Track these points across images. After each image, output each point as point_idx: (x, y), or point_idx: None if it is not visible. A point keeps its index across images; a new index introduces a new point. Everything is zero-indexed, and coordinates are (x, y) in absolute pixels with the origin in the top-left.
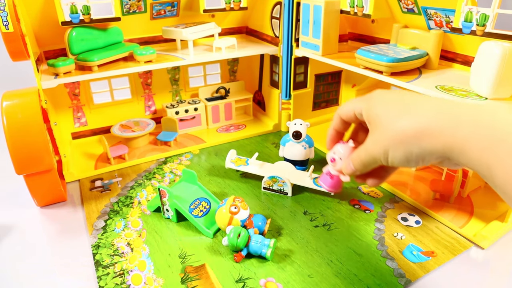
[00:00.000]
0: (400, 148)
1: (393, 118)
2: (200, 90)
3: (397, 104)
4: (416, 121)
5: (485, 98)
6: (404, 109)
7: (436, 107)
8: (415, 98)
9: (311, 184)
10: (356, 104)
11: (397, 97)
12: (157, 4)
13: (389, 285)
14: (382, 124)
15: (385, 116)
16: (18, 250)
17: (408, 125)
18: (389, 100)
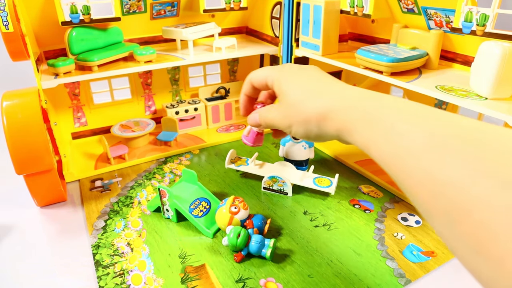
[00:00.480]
0: (303, 126)
1: (300, 98)
2: (200, 90)
3: (304, 84)
4: (318, 105)
5: (485, 98)
6: (310, 90)
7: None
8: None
9: (311, 184)
10: (269, 73)
11: (306, 76)
12: (157, 4)
13: (389, 285)
14: (289, 101)
15: (293, 94)
16: (18, 250)
17: (311, 108)
18: (298, 78)
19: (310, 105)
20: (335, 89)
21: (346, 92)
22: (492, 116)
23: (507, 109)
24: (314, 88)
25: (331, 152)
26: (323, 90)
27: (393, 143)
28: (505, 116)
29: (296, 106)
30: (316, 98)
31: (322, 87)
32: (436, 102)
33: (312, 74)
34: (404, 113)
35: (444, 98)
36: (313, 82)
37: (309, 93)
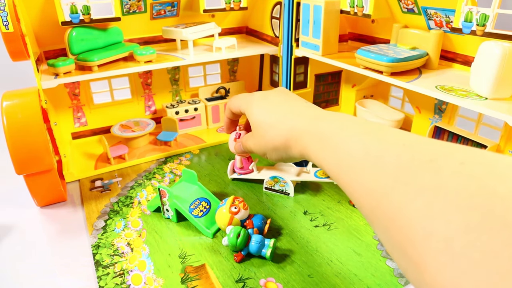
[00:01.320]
0: (274, 153)
1: (267, 129)
2: (200, 90)
3: (267, 112)
4: (281, 135)
5: (485, 98)
6: (272, 120)
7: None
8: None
9: (313, 177)
10: (241, 103)
11: (269, 104)
12: (157, 4)
13: (389, 285)
14: (259, 131)
15: (261, 125)
16: (18, 250)
17: (276, 137)
18: (263, 107)
19: (274, 135)
20: (293, 114)
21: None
22: (492, 116)
23: (507, 109)
24: (275, 116)
25: None
26: (283, 117)
27: (338, 160)
28: (505, 116)
29: (264, 136)
30: (278, 127)
31: (282, 114)
32: (436, 102)
33: (274, 100)
34: (347, 132)
35: (444, 98)
36: (275, 109)
37: (272, 123)
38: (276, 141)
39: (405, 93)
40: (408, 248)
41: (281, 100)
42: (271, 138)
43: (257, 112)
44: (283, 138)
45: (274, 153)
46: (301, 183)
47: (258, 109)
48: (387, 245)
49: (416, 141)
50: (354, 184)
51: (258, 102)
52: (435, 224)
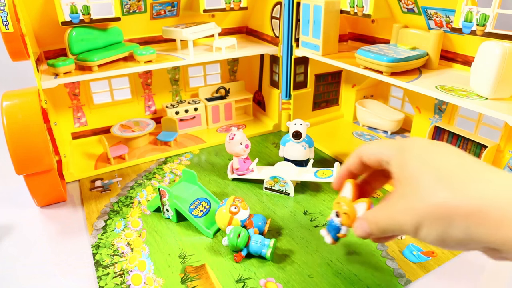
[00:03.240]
0: (438, 226)
1: (437, 185)
2: (200, 90)
3: (445, 167)
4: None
5: (485, 98)
6: (455, 175)
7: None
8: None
9: (313, 177)
10: (385, 150)
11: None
12: (157, 4)
13: (389, 285)
14: (418, 188)
15: (427, 179)
16: (18, 250)
17: (457, 199)
18: (435, 158)
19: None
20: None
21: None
22: (492, 116)
23: (507, 109)
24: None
25: (331, 152)
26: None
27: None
28: (505, 116)
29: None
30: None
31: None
32: (436, 102)
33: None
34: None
35: (444, 98)
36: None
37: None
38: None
39: (405, 93)
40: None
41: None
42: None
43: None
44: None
45: (438, 226)
46: (301, 183)
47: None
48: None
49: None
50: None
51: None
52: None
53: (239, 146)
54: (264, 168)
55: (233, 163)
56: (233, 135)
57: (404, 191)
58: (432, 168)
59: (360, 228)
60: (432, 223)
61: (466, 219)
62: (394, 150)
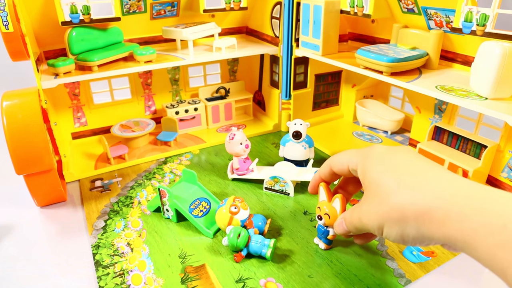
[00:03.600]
0: (396, 227)
1: (392, 189)
2: (200, 90)
3: (399, 172)
4: (417, 200)
5: (485, 98)
6: (406, 181)
7: (442, 186)
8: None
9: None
10: (352, 159)
11: (401, 162)
12: (157, 4)
13: (389, 285)
14: (379, 193)
15: (384, 184)
16: (18, 250)
17: (407, 202)
18: (391, 165)
19: (406, 200)
20: (439, 178)
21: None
22: (492, 116)
23: (507, 109)
24: (410, 177)
25: (331, 152)
26: (422, 179)
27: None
28: (505, 116)
29: (388, 199)
30: (415, 191)
31: (421, 175)
32: (436, 102)
33: (406, 158)
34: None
35: (444, 98)
36: (409, 169)
37: (405, 183)
38: (406, 210)
39: (405, 93)
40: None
41: (415, 158)
42: (400, 203)
43: (380, 167)
44: (423, 206)
45: (396, 226)
46: (301, 183)
47: (381, 164)
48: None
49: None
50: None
51: (381, 154)
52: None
53: (239, 146)
54: (264, 168)
55: (233, 163)
56: (233, 135)
57: (368, 195)
58: (389, 174)
59: (339, 226)
60: (391, 224)
61: (416, 220)
62: (359, 159)
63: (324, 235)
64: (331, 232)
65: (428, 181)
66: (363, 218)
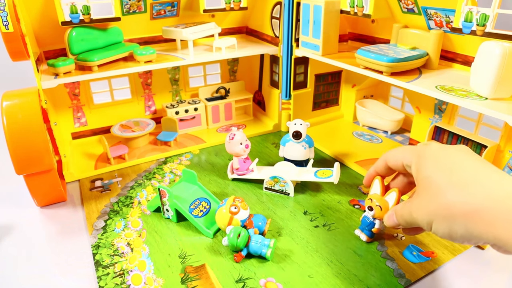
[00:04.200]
0: (445, 224)
1: (444, 187)
2: (200, 90)
3: (452, 170)
4: (467, 200)
5: (485, 98)
6: (458, 180)
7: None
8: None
9: (313, 177)
10: (406, 156)
11: (454, 161)
12: (157, 4)
13: (389, 285)
14: (430, 189)
15: (436, 181)
16: (18, 250)
17: (457, 201)
18: (444, 163)
19: (456, 199)
20: (490, 178)
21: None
22: (492, 116)
23: (507, 109)
24: (462, 175)
25: (331, 152)
26: (474, 179)
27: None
28: (505, 116)
29: (438, 196)
30: (465, 191)
31: (473, 175)
32: (436, 102)
33: (460, 157)
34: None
35: (444, 98)
36: (462, 167)
37: (456, 183)
38: (457, 208)
39: (405, 93)
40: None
41: (470, 157)
42: (450, 201)
43: (434, 165)
44: (472, 206)
45: (445, 223)
46: (301, 183)
47: (435, 162)
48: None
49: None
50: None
51: (436, 153)
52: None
53: (239, 146)
54: (264, 168)
55: (233, 163)
56: (233, 135)
57: (420, 191)
58: (442, 172)
59: (390, 218)
60: (440, 221)
61: (465, 219)
62: (413, 155)
63: (369, 227)
64: (377, 225)
65: (478, 181)
66: (413, 213)
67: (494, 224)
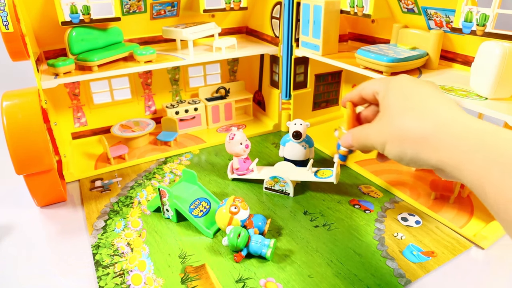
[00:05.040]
0: (397, 146)
1: (401, 113)
2: (200, 90)
3: (410, 98)
4: (418, 126)
5: (485, 98)
6: (413, 107)
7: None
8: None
9: (313, 177)
10: (376, 85)
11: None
12: (157, 4)
13: (389, 285)
14: (389, 115)
15: (395, 108)
16: (18, 250)
17: (410, 127)
18: (405, 91)
19: (409, 124)
20: (443, 109)
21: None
22: (492, 116)
23: (507, 109)
24: (418, 104)
25: (331, 152)
26: (427, 108)
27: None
28: (505, 116)
29: (395, 121)
30: (418, 117)
31: (428, 104)
32: None
33: (422, 89)
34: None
35: None
36: (420, 97)
37: (411, 109)
38: (409, 132)
39: None
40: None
41: (432, 90)
42: (403, 125)
43: (397, 93)
44: (422, 131)
45: (397, 146)
46: (301, 183)
47: (399, 90)
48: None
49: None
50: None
51: (401, 82)
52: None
53: (239, 146)
54: (264, 168)
55: (233, 163)
56: (233, 135)
57: (379, 116)
58: (400, 99)
59: (345, 139)
60: (392, 143)
61: (414, 142)
62: (382, 84)
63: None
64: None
65: (430, 108)
66: (370, 135)
67: (439, 149)
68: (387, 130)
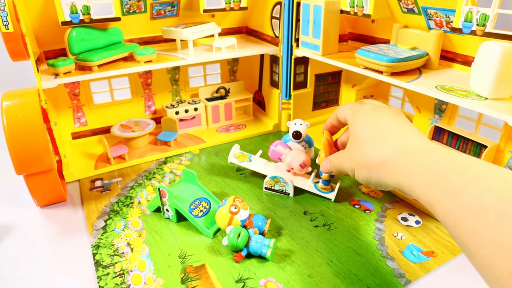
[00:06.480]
0: (364, 171)
1: (364, 140)
2: (200, 90)
3: (372, 127)
4: (378, 152)
5: (485, 98)
6: (376, 134)
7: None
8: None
9: (312, 188)
10: (348, 112)
11: (377, 118)
12: (157, 4)
13: (389, 285)
14: (356, 143)
15: (360, 136)
16: (18, 250)
17: (372, 153)
18: (368, 120)
19: (371, 151)
20: (399, 136)
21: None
22: (492, 116)
23: (507, 109)
24: (379, 133)
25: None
26: (387, 136)
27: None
28: (505, 116)
29: (360, 149)
30: (378, 145)
31: (387, 132)
32: (436, 102)
33: (383, 118)
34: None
35: (444, 98)
36: (381, 126)
37: (373, 138)
38: (371, 158)
39: (405, 93)
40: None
41: (394, 118)
42: (367, 153)
43: (362, 122)
44: (382, 157)
45: (364, 171)
46: None
47: (363, 120)
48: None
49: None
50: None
51: (365, 112)
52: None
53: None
54: (267, 163)
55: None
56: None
57: (349, 144)
58: (365, 128)
59: (324, 166)
60: (360, 169)
61: (376, 167)
62: (351, 112)
63: (320, 174)
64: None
65: (392, 136)
66: (342, 162)
67: (394, 172)
68: (355, 157)
